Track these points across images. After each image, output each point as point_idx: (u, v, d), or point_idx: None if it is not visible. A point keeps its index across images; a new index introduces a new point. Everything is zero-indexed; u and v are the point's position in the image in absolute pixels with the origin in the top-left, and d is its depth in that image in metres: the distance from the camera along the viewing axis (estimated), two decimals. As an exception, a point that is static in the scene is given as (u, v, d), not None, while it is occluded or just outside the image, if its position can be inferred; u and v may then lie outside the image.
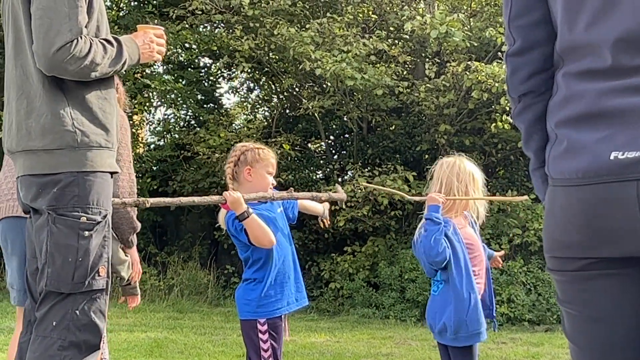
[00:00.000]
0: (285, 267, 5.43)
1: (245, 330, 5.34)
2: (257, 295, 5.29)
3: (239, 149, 5.55)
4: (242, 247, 5.36)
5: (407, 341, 11.61)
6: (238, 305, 5.41)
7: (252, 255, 5.35)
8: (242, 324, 5.37)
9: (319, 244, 17.11)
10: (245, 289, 5.38)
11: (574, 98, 2.53)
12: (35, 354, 3.90)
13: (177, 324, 13.04)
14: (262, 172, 5.47)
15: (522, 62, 2.80)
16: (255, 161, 5.46)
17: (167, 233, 18.98)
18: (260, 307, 5.28)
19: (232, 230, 5.32)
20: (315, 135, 18.35)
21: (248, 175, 5.44)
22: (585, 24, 2.48)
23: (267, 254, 5.32)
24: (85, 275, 3.92)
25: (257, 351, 5.26)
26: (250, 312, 5.30)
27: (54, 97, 3.92)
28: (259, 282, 5.31)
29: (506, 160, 16.57)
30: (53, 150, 3.90)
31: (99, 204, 3.96)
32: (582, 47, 2.51)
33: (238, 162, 5.48)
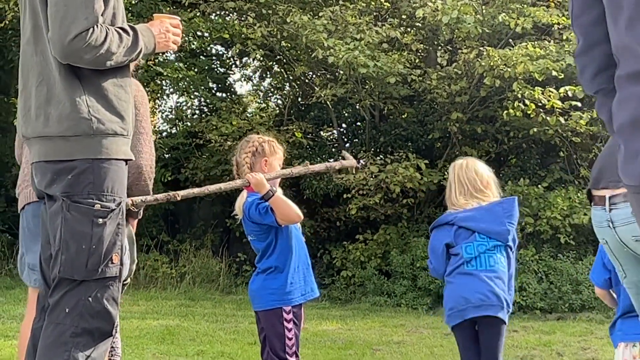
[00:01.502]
0: (305, 255, 5.54)
1: (270, 319, 5.36)
2: (282, 283, 5.36)
3: (256, 140, 5.70)
4: (263, 234, 5.43)
5: (418, 329, 11.63)
6: (258, 296, 5.44)
7: (274, 242, 5.39)
8: (266, 314, 5.39)
9: (330, 232, 17.12)
10: (266, 279, 5.42)
11: (625, 102, 2.49)
12: (48, 340, 3.91)
13: (189, 312, 13.07)
14: (276, 165, 5.66)
15: (587, 61, 2.79)
16: (271, 153, 5.64)
17: (180, 221, 19.00)
18: (286, 295, 5.35)
19: (255, 215, 5.37)
20: (327, 123, 18.33)
21: (264, 165, 5.58)
22: (625, 25, 2.46)
23: (288, 241, 5.40)
24: (99, 263, 3.92)
25: (281, 339, 5.30)
26: (277, 301, 5.35)
27: (70, 84, 3.92)
28: (280, 271, 5.37)
29: (518, 149, 16.53)
30: (69, 137, 3.90)
31: (113, 192, 3.96)
32: (626, 48, 2.47)
33: (256, 152, 5.62)
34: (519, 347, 10.45)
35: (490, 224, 5.50)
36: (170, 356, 9.41)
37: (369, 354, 9.87)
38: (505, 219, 5.52)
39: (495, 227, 5.50)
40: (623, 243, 4.42)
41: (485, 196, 5.59)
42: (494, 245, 5.50)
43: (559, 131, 15.08)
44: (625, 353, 5.21)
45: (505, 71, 14.12)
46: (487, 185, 5.64)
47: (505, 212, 5.56)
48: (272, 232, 5.38)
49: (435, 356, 9.75)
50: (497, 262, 5.49)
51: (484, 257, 5.48)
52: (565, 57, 14.29)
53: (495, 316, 5.44)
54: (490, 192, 5.62)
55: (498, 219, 5.53)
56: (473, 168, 5.67)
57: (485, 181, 5.64)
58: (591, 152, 15.61)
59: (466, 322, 5.49)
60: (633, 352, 5.19)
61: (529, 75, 14.28)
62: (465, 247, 5.52)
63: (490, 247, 5.50)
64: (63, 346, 3.87)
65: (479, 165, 5.74)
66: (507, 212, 5.57)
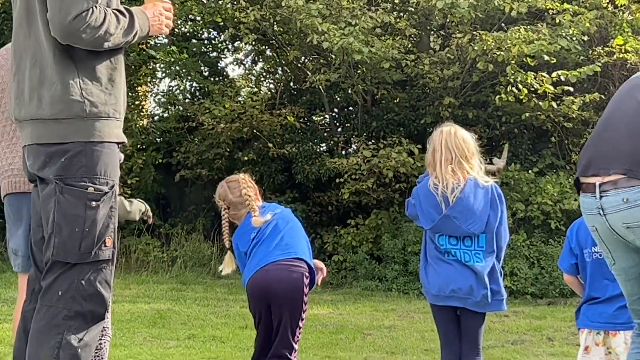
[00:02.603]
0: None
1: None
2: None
3: (245, 178, 6.02)
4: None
5: (409, 314, 11.66)
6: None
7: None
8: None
9: (322, 217, 17.12)
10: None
11: None
12: (41, 323, 3.91)
13: (181, 296, 13.08)
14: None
15: None
16: (255, 185, 6.09)
17: (171, 205, 18.97)
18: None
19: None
20: (319, 107, 18.32)
21: (258, 196, 6.04)
22: None
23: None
24: (92, 246, 3.92)
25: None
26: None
27: (64, 66, 3.92)
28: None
29: (510, 134, 16.54)
30: (61, 120, 3.90)
31: (106, 175, 3.96)
32: None
33: (251, 185, 6.00)
34: (509, 332, 10.49)
35: (470, 224, 5.39)
36: (161, 340, 9.42)
37: (360, 338, 9.89)
38: (484, 216, 5.42)
39: (473, 228, 5.40)
40: (613, 230, 4.43)
41: (470, 167, 5.48)
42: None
43: (550, 116, 15.11)
44: (588, 339, 5.24)
45: (499, 55, 14.12)
46: (473, 155, 5.55)
47: (485, 208, 5.43)
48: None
49: (426, 340, 9.77)
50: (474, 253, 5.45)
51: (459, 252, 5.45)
52: (558, 40, 14.31)
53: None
54: (474, 162, 5.54)
55: (478, 219, 5.40)
56: (461, 136, 5.59)
57: (472, 150, 5.56)
58: (582, 138, 15.62)
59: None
60: (596, 339, 5.22)
61: (521, 60, 14.29)
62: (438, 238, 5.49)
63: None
64: (55, 329, 3.87)
65: (466, 133, 5.66)
66: (486, 209, 5.44)
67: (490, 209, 5.42)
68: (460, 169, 5.49)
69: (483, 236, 5.41)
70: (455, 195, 5.41)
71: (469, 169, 5.50)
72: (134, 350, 8.68)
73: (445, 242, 5.45)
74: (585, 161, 4.60)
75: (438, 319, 5.61)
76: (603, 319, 5.21)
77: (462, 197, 5.40)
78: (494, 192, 5.46)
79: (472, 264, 5.35)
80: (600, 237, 4.58)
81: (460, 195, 5.40)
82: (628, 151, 4.35)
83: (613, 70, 15.69)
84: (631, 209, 4.28)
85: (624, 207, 4.30)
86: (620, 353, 5.08)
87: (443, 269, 5.45)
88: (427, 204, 5.51)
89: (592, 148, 4.62)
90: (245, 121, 16.75)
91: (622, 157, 4.36)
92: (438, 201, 5.45)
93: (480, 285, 5.33)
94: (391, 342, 9.64)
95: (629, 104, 4.50)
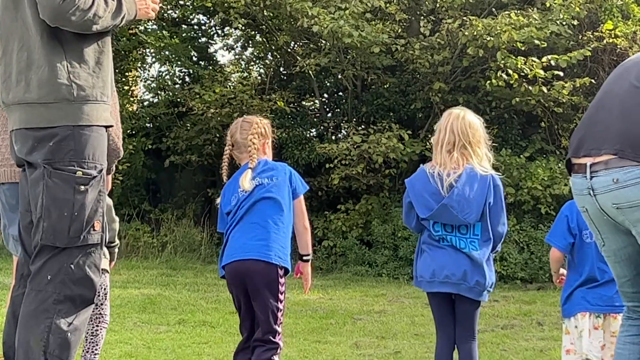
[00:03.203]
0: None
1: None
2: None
3: (259, 122, 5.70)
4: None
5: (399, 299, 11.67)
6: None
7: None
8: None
9: (312, 202, 17.10)
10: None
11: None
12: (30, 307, 3.90)
13: (171, 281, 13.07)
14: (269, 146, 5.77)
15: None
16: (269, 135, 5.74)
17: (161, 190, 18.96)
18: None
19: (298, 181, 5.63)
20: (309, 93, 18.29)
21: (266, 147, 5.70)
22: None
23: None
24: (81, 230, 3.91)
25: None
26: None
27: (51, 49, 3.91)
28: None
29: (500, 119, 16.53)
30: (49, 104, 3.88)
31: (94, 159, 3.95)
32: None
33: (261, 135, 5.67)
34: (499, 317, 10.51)
35: (467, 214, 5.29)
36: (151, 325, 9.42)
37: (350, 323, 9.90)
38: (480, 206, 5.30)
39: (469, 218, 5.31)
40: (603, 211, 4.43)
41: (473, 154, 5.34)
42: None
43: (541, 101, 15.11)
44: (587, 323, 5.24)
45: (489, 40, 14.11)
46: (479, 142, 5.41)
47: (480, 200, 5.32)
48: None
49: (416, 325, 9.79)
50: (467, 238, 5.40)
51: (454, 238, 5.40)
52: (548, 25, 14.30)
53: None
54: (480, 150, 5.41)
55: (474, 209, 5.30)
56: (469, 121, 5.45)
57: (478, 137, 5.43)
58: (572, 123, 15.64)
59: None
60: (595, 322, 5.23)
61: (512, 45, 14.29)
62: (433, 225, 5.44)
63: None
64: (45, 313, 3.87)
65: (475, 119, 5.52)
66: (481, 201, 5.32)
67: (487, 199, 5.30)
68: (462, 155, 5.38)
69: (478, 225, 5.34)
70: (450, 182, 5.32)
71: (471, 156, 5.38)
72: (124, 335, 8.67)
73: (440, 229, 5.39)
74: (577, 142, 4.61)
75: (433, 305, 5.58)
76: (603, 302, 5.21)
77: (458, 187, 5.31)
78: (491, 183, 5.33)
79: (468, 251, 5.31)
80: (590, 218, 4.58)
81: (456, 184, 5.31)
82: (619, 132, 4.36)
83: (603, 55, 15.69)
84: (621, 190, 4.29)
85: (614, 187, 4.31)
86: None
87: (437, 254, 5.40)
88: (422, 189, 5.42)
89: (583, 129, 4.63)
90: (235, 106, 16.72)
91: (613, 138, 4.36)
92: (433, 185, 5.36)
93: (475, 272, 5.28)
94: (381, 327, 9.65)
95: (621, 86, 4.50)
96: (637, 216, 4.31)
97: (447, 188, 5.32)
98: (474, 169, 5.35)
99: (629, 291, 4.70)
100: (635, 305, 4.71)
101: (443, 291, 5.38)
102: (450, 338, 5.46)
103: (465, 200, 5.30)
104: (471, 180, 5.32)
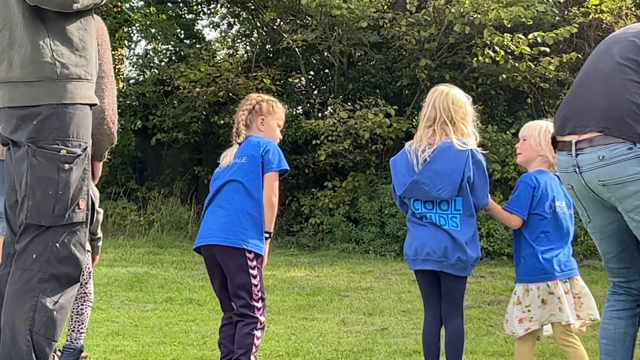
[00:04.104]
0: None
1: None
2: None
3: (254, 99, 5.76)
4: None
5: (386, 275, 11.69)
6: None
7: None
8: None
9: (299, 179, 17.12)
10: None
11: None
12: (16, 286, 3.89)
13: (158, 259, 13.08)
14: (273, 124, 5.75)
15: None
16: (269, 113, 5.73)
17: (148, 168, 18.93)
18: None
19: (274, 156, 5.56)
20: (295, 70, 18.25)
21: (260, 124, 5.70)
22: None
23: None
24: (66, 208, 3.90)
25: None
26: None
27: (34, 28, 3.88)
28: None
29: (486, 95, 16.54)
30: (32, 82, 3.86)
31: (79, 137, 3.94)
32: None
33: (253, 110, 5.71)
34: (486, 293, 10.55)
35: (440, 190, 5.25)
36: (138, 303, 9.43)
37: (337, 300, 9.93)
38: (455, 181, 5.23)
39: (443, 193, 5.26)
40: (589, 188, 4.45)
41: (454, 130, 5.29)
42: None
43: (527, 77, 15.11)
44: (559, 290, 5.29)
45: (476, 18, 14.10)
46: (463, 119, 5.37)
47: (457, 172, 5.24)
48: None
49: (402, 302, 9.82)
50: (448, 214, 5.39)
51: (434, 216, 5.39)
52: (535, 3, 14.29)
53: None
54: (465, 128, 5.35)
55: (448, 184, 5.25)
56: (453, 97, 5.41)
57: (462, 114, 5.39)
58: (558, 99, 15.64)
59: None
60: (565, 287, 5.28)
61: (498, 22, 14.28)
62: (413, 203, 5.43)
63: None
64: (30, 292, 3.86)
65: (460, 95, 5.48)
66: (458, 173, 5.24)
67: (465, 174, 5.22)
68: (442, 131, 5.33)
69: (459, 200, 5.28)
70: (424, 157, 5.29)
71: (451, 132, 5.32)
72: (111, 313, 8.68)
73: (420, 207, 5.37)
74: (562, 120, 4.61)
75: (419, 282, 5.59)
76: (566, 267, 5.28)
77: (430, 162, 5.27)
78: (469, 157, 5.24)
79: (447, 227, 5.29)
80: (576, 195, 4.60)
81: (429, 159, 5.28)
82: (603, 109, 4.37)
83: (589, 31, 15.71)
84: (607, 167, 4.30)
85: (600, 164, 4.33)
86: (584, 295, 5.19)
87: (419, 232, 5.39)
88: (401, 165, 5.43)
89: (568, 106, 4.63)
90: (221, 85, 16.69)
91: (598, 115, 4.38)
92: (410, 162, 5.35)
93: (456, 248, 5.27)
94: (368, 304, 9.67)
95: (605, 63, 4.51)
96: (623, 193, 4.32)
97: (421, 164, 5.30)
98: (451, 144, 5.29)
99: (614, 267, 4.73)
100: (620, 281, 4.74)
101: (426, 269, 5.39)
102: (437, 314, 5.47)
103: (438, 175, 5.26)
104: (445, 156, 5.28)
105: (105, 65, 4.98)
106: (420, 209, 5.37)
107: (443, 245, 5.26)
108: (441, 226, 5.29)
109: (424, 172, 5.28)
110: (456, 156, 5.26)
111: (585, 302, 5.35)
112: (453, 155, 5.27)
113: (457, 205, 5.30)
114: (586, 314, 5.34)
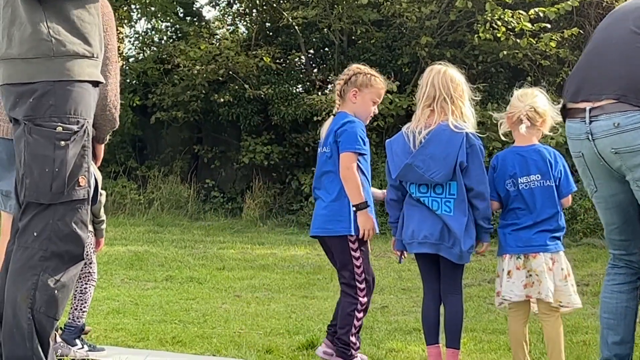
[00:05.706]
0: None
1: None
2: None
3: (352, 70, 5.70)
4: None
5: (386, 254, 11.68)
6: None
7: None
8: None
9: (299, 158, 17.11)
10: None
11: None
12: (17, 264, 3.89)
13: (158, 238, 13.09)
14: (367, 98, 5.67)
15: None
16: (364, 85, 5.64)
17: (147, 147, 18.92)
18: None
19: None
20: (295, 48, 18.20)
21: (353, 96, 5.64)
22: None
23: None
24: (64, 186, 3.89)
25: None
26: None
27: (32, 6, 3.87)
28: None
29: (486, 73, 16.51)
30: (30, 59, 3.85)
31: (76, 114, 3.92)
32: None
33: (349, 81, 5.65)
34: (485, 271, 10.56)
35: (433, 173, 5.22)
36: (139, 281, 9.44)
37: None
38: (450, 164, 5.21)
39: (437, 177, 5.24)
40: (600, 156, 4.45)
41: (454, 108, 5.28)
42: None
43: (528, 54, 15.08)
44: (510, 264, 5.29)
45: (478, -8, 14.09)
46: (461, 97, 5.35)
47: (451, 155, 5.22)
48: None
49: (403, 280, 9.83)
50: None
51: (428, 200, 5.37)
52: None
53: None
54: (462, 106, 5.34)
55: (442, 167, 5.22)
56: (450, 75, 5.39)
57: (460, 92, 5.37)
58: (558, 77, 15.61)
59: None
60: (517, 263, 5.26)
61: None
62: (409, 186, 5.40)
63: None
64: (32, 270, 3.86)
65: (457, 73, 5.45)
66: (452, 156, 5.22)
67: (460, 157, 5.18)
68: (442, 110, 5.30)
69: (454, 184, 5.25)
70: (420, 139, 5.26)
71: (450, 111, 5.29)
72: (111, 292, 8.70)
73: (415, 190, 5.33)
74: (575, 87, 4.60)
75: (418, 262, 5.60)
76: (522, 243, 5.23)
77: (424, 145, 5.25)
78: (464, 142, 5.20)
79: (440, 212, 5.26)
80: (585, 163, 4.59)
81: (424, 141, 5.25)
82: (620, 76, 4.36)
83: (589, 8, 15.66)
84: (622, 134, 4.30)
85: (614, 131, 4.32)
86: (541, 273, 5.12)
87: (414, 215, 5.38)
88: (397, 148, 5.41)
89: (581, 74, 4.62)
90: (221, 63, 16.66)
91: (614, 83, 4.37)
92: (407, 144, 5.32)
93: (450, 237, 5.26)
94: (368, 282, 9.68)
95: (619, 32, 4.50)
96: (635, 161, 4.33)
97: (417, 145, 5.28)
98: (447, 126, 5.26)
99: (616, 239, 4.74)
100: (621, 254, 4.75)
101: (423, 252, 5.39)
102: (436, 293, 5.47)
103: (432, 159, 5.23)
104: (440, 139, 5.25)
105: (109, 52, 4.98)
106: (415, 192, 5.35)
107: (438, 228, 5.25)
108: (434, 211, 5.27)
109: (418, 156, 5.26)
110: (450, 139, 5.23)
111: (538, 283, 5.16)
112: (447, 138, 5.23)
113: (452, 189, 5.25)
114: (537, 294, 5.16)
